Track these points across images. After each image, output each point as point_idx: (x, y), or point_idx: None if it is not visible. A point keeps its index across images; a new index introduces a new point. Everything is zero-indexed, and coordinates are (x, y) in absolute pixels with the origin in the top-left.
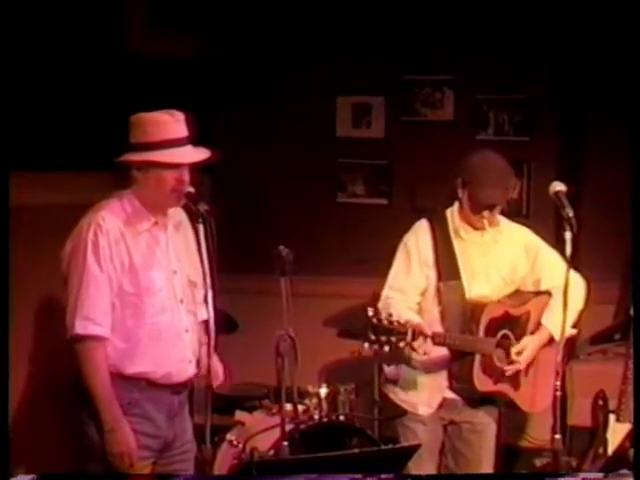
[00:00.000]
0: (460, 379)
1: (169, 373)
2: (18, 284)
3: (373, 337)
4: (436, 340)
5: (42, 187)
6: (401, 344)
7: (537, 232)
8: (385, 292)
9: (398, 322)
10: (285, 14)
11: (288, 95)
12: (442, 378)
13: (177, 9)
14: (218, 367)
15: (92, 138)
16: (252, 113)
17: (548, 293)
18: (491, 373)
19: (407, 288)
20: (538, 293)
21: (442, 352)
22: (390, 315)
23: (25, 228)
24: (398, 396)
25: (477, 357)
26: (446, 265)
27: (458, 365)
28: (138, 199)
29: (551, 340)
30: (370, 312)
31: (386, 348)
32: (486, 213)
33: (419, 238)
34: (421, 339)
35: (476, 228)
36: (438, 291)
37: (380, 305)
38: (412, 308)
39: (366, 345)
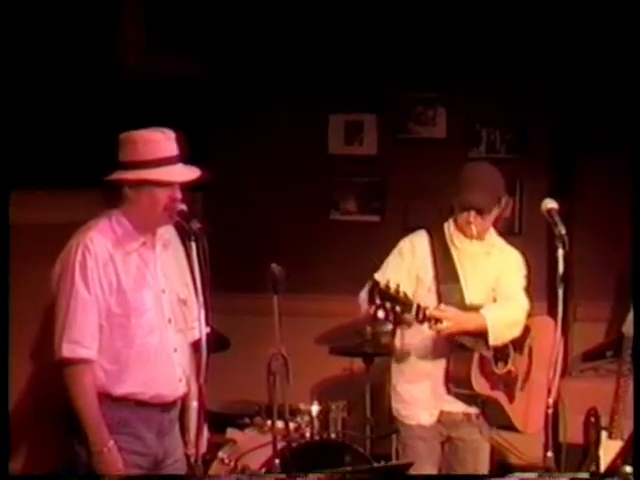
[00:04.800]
0: (458, 382)
1: (158, 394)
2: (17, 301)
3: (379, 301)
4: (438, 325)
5: (42, 205)
6: (404, 316)
7: (529, 250)
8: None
9: (405, 294)
10: (278, 33)
11: (281, 113)
12: (439, 385)
13: (171, 29)
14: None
15: (91, 155)
16: (245, 130)
17: (547, 315)
18: (488, 377)
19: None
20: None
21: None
22: (398, 286)
23: (25, 245)
24: (400, 413)
25: (475, 359)
26: (445, 269)
27: (455, 368)
28: (128, 218)
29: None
30: (378, 277)
31: (386, 315)
32: (472, 217)
33: (414, 243)
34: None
35: (466, 236)
36: (438, 293)
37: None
38: None
39: (370, 308)
